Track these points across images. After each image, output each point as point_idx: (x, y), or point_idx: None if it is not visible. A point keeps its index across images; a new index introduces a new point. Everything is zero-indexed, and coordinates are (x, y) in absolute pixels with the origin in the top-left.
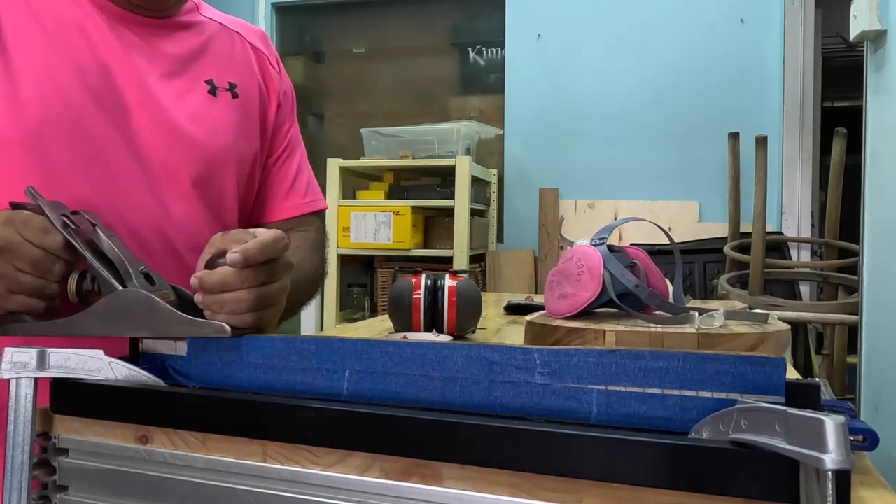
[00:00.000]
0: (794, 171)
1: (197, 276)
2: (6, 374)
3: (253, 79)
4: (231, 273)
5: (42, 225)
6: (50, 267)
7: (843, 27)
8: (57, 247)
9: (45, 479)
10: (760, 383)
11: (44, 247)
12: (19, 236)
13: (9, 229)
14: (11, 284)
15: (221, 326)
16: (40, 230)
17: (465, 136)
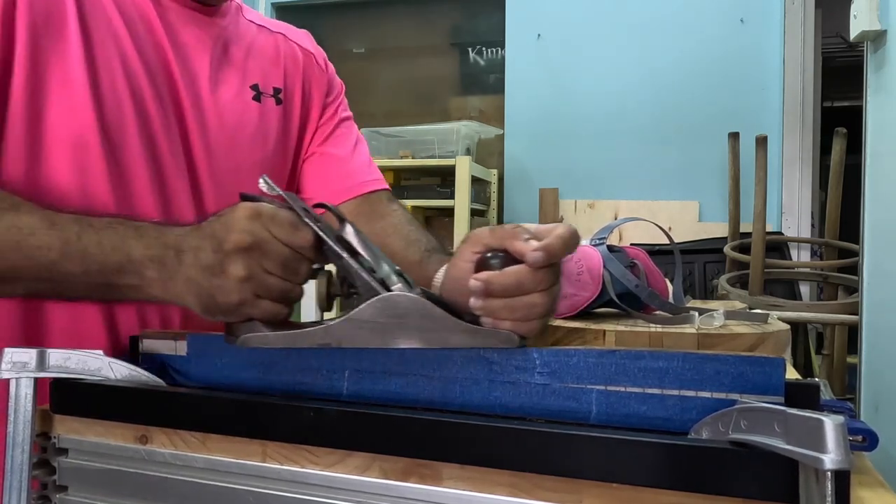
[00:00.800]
0: (794, 171)
1: (482, 278)
2: (6, 374)
3: (297, 81)
4: (528, 273)
5: (291, 220)
6: (298, 268)
7: (843, 27)
8: (308, 245)
9: (44, 479)
10: (760, 383)
11: (293, 245)
12: (267, 232)
13: (256, 224)
14: (259, 288)
15: (509, 336)
16: (290, 226)
17: (465, 136)
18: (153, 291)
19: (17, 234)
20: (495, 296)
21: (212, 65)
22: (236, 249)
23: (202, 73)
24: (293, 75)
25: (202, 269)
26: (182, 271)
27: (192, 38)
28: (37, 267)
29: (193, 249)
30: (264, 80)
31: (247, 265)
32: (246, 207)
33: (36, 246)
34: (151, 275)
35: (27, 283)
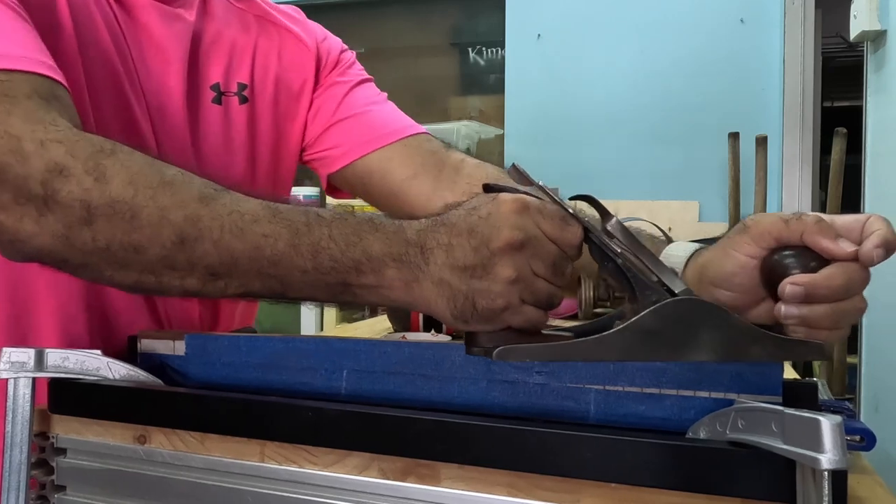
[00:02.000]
0: (794, 171)
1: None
2: (4, 373)
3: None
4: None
5: (561, 214)
6: (565, 269)
7: (843, 27)
8: (577, 242)
9: (43, 479)
10: (758, 383)
11: (562, 242)
12: (538, 229)
13: (527, 219)
14: (526, 291)
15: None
16: (560, 221)
17: (465, 136)
18: (393, 294)
19: (239, 219)
20: (818, 301)
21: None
22: (507, 248)
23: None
24: (264, 62)
25: (459, 270)
26: (431, 272)
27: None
28: (260, 259)
29: (445, 247)
30: (226, 77)
31: (517, 266)
32: (512, 200)
33: (262, 234)
34: (392, 275)
35: (245, 277)
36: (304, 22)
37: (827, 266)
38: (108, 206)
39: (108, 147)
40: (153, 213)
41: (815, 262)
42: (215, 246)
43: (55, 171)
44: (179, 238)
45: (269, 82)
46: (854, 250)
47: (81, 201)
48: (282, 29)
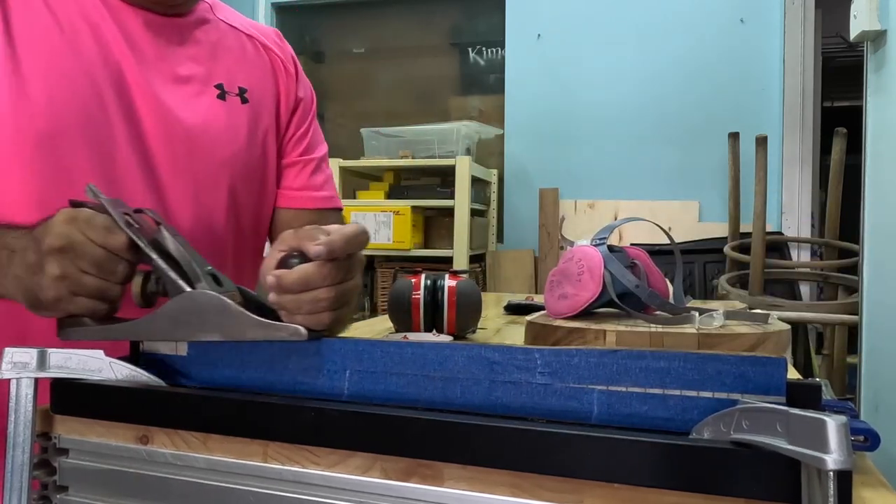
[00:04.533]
0: (794, 171)
1: (274, 275)
2: (7, 374)
3: (266, 83)
4: (312, 270)
5: (105, 224)
6: (114, 268)
7: (843, 27)
8: (121, 246)
9: (45, 480)
10: (761, 383)
11: (107, 246)
12: (82, 235)
13: (71, 228)
14: (74, 286)
15: (297, 329)
16: (104, 229)
17: (465, 136)
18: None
19: None
20: (286, 291)
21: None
22: (51, 250)
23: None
24: (261, 78)
25: (26, 268)
26: (11, 270)
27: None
28: None
29: (22, 250)
30: (229, 79)
31: (61, 265)
32: (64, 212)
33: None
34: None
35: None
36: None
37: None
38: None
39: None
40: None
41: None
42: None
43: None
44: None
45: (267, 95)
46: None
47: None
48: (271, 52)
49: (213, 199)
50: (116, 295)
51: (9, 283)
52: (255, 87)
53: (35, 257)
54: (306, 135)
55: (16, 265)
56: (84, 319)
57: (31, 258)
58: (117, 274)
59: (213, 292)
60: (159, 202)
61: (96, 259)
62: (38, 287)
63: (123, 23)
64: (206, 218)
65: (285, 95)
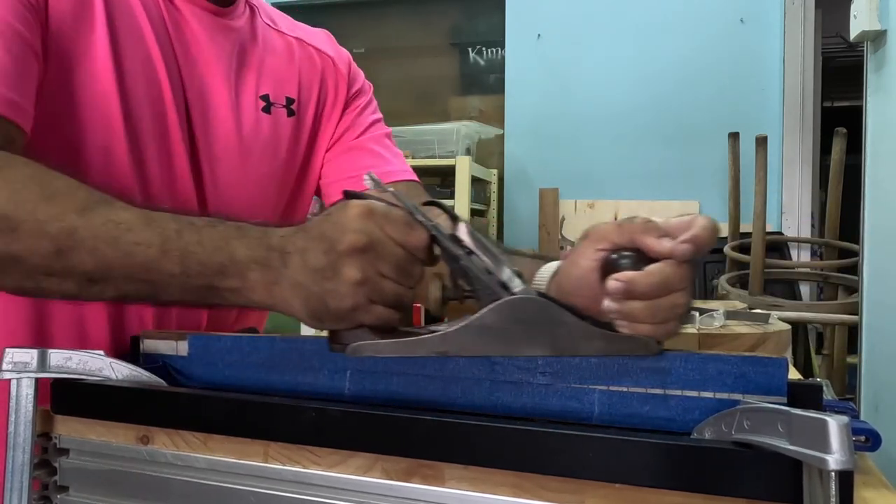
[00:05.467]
0: (794, 171)
1: (621, 278)
2: (7, 374)
3: (312, 90)
4: (671, 271)
5: (405, 219)
6: (412, 270)
7: (843, 27)
8: (423, 245)
9: (45, 480)
10: (762, 383)
11: (407, 245)
12: (382, 232)
13: (370, 224)
14: (373, 292)
15: (648, 341)
16: (405, 225)
17: (465, 136)
18: (255, 296)
19: (114, 229)
20: (637, 297)
21: (222, 74)
22: (351, 250)
23: (212, 82)
24: (308, 84)
25: (312, 273)
26: (288, 275)
27: (204, 45)
28: (133, 266)
29: (300, 251)
30: (276, 90)
31: (361, 267)
32: (358, 206)
33: (134, 242)
34: (255, 278)
35: (120, 283)
36: (337, 47)
37: None
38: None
39: None
40: (32, 226)
41: (642, 262)
42: (90, 254)
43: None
44: (57, 248)
45: (311, 103)
46: (670, 246)
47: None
48: (322, 54)
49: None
50: (411, 302)
51: (283, 291)
52: (303, 95)
53: (324, 259)
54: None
55: (294, 269)
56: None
57: (318, 260)
58: (414, 277)
59: (541, 297)
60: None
61: (398, 260)
62: (333, 294)
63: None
64: None
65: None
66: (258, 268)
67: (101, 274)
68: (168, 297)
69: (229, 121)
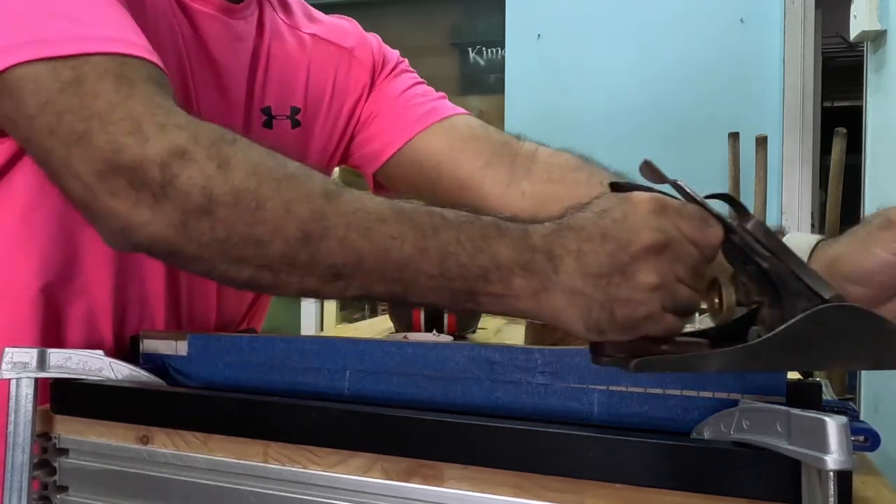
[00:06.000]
0: (794, 171)
1: None
2: (6, 374)
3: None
4: None
5: (700, 214)
6: (704, 272)
7: (843, 27)
8: (718, 243)
9: (45, 480)
10: (762, 383)
11: (702, 244)
12: (678, 231)
13: (665, 221)
14: (668, 298)
15: None
16: (700, 221)
17: None
18: (520, 304)
19: (364, 218)
20: None
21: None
22: (648, 252)
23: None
24: (319, 85)
25: (594, 278)
26: (561, 281)
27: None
28: (386, 262)
29: (575, 254)
30: (279, 101)
31: (659, 271)
32: (649, 200)
33: (389, 235)
34: (520, 284)
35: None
36: (361, 35)
37: None
38: (230, 194)
39: (229, 136)
40: (278, 205)
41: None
42: (341, 244)
43: (176, 155)
44: (304, 234)
45: (322, 106)
46: None
47: (203, 188)
48: (338, 48)
49: None
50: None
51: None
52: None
53: (611, 262)
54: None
55: (568, 275)
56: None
57: (603, 264)
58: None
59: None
60: None
61: (694, 262)
62: (623, 303)
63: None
64: None
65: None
66: (524, 273)
67: (350, 268)
68: (419, 298)
69: None
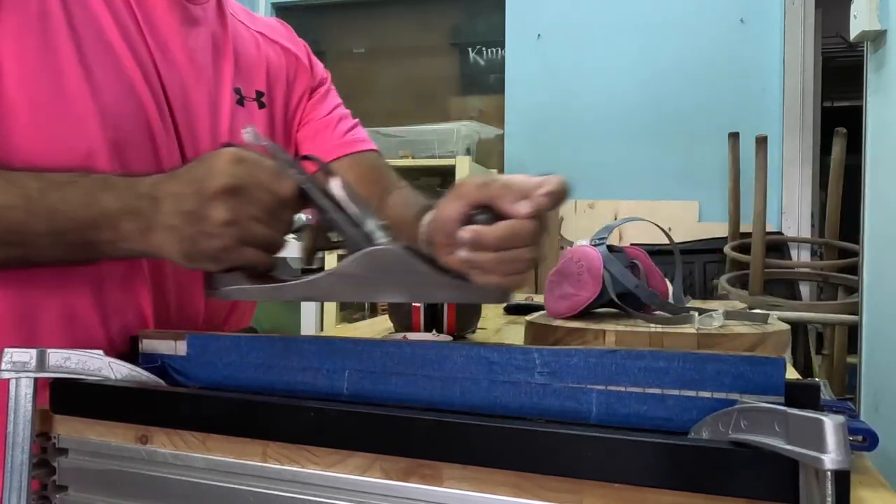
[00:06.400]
0: (794, 171)
1: (472, 231)
2: (6, 374)
3: (279, 84)
4: (519, 227)
5: (275, 168)
6: (281, 216)
7: (843, 27)
8: (291, 193)
9: (44, 480)
10: (760, 383)
11: (277, 192)
12: (251, 178)
13: (240, 168)
14: (243, 233)
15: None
16: (274, 174)
17: (465, 136)
18: (132, 245)
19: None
20: (485, 248)
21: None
22: (220, 192)
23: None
24: (275, 78)
25: (184, 216)
26: (161, 220)
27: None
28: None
29: (172, 196)
30: (247, 83)
31: (232, 208)
32: (229, 152)
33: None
34: (128, 227)
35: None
36: (296, 39)
37: None
38: None
39: None
40: None
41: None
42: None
43: None
44: None
45: (279, 95)
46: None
47: None
48: (286, 49)
49: None
50: (281, 247)
51: (158, 236)
52: (270, 88)
53: (194, 202)
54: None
55: (166, 214)
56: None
57: (189, 204)
58: (284, 223)
59: (398, 248)
60: None
61: (266, 204)
62: (203, 236)
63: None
64: None
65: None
66: (130, 217)
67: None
68: (41, 257)
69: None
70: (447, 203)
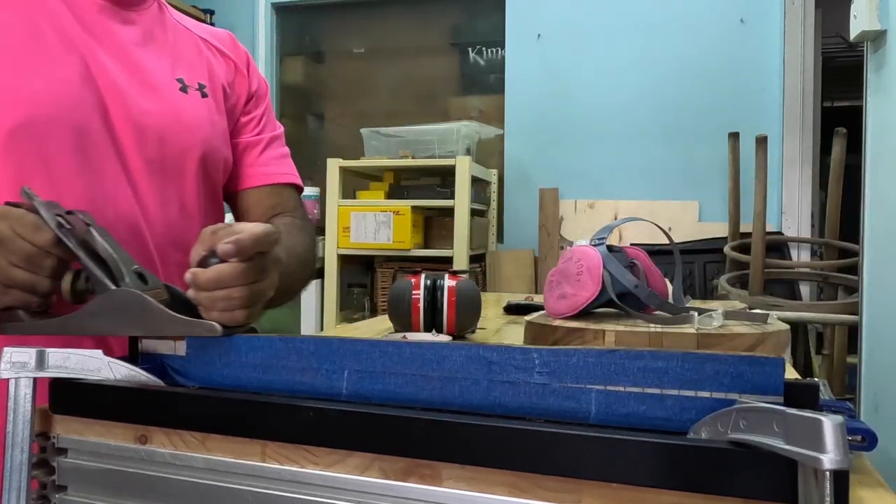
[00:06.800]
0: (794, 171)
1: (191, 272)
2: (5, 374)
3: (217, 84)
4: (225, 269)
5: (35, 222)
6: (41, 262)
7: (843, 27)
8: (48, 244)
9: (44, 479)
10: (759, 383)
11: (35, 243)
12: (12, 231)
13: (2, 224)
14: (4, 278)
15: (212, 325)
16: (33, 227)
17: (465, 136)
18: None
19: None
20: (201, 289)
21: (134, 57)
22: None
23: (122, 63)
24: (215, 80)
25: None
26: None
27: (108, 29)
28: None
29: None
30: (189, 75)
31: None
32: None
33: None
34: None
35: None
36: (238, 48)
37: None
38: None
39: None
40: None
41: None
42: None
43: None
44: None
45: (218, 94)
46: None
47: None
48: (225, 56)
49: (184, 186)
50: (46, 289)
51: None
52: (211, 84)
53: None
54: (258, 119)
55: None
56: (19, 313)
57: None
58: (45, 268)
59: (134, 290)
60: (133, 190)
61: (25, 253)
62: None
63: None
64: (178, 204)
65: (239, 93)
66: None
67: None
68: None
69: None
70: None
